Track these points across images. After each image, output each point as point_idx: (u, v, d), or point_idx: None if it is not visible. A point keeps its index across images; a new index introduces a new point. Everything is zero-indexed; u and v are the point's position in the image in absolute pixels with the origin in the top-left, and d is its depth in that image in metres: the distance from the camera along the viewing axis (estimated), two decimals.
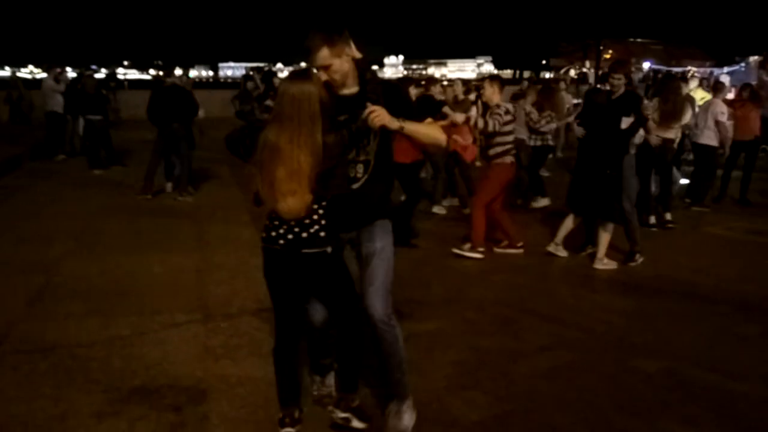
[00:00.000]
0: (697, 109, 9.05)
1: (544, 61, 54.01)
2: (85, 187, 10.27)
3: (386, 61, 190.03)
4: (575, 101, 13.35)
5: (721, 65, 27.25)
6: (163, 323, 4.78)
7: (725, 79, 12.84)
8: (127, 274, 5.92)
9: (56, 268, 6.08)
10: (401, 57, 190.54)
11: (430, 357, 4.26)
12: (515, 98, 15.79)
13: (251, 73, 17.04)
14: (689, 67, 24.09)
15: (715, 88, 9.40)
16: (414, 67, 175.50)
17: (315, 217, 3.02)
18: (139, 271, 6.03)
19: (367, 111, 2.95)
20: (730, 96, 9.59)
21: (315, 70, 3.08)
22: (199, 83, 66.48)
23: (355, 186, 3.15)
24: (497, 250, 6.83)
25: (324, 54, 3.01)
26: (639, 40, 37.55)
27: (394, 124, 3.01)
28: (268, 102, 13.35)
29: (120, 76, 38.86)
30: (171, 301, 5.24)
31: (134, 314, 4.95)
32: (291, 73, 3.08)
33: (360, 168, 3.14)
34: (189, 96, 9.71)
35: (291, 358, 3.29)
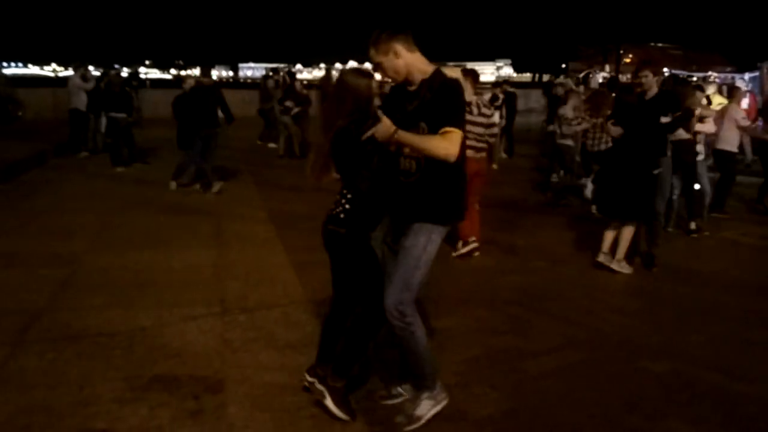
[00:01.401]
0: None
1: (563, 65, 53.79)
2: (107, 184, 10.48)
3: None
4: None
5: (742, 71, 26.98)
6: (182, 316, 4.91)
7: (741, 84, 12.80)
8: (147, 268, 6.07)
9: (79, 262, 6.24)
10: None
11: (441, 354, 4.33)
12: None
13: (271, 73, 17.21)
14: (710, 72, 23.91)
15: (731, 93, 9.37)
16: None
17: (343, 201, 3.35)
18: (159, 265, 6.18)
19: (369, 132, 3.11)
20: (745, 101, 9.60)
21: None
22: (220, 83, 66.89)
23: (408, 179, 3.33)
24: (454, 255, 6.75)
25: (371, 53, 3.32)
26: (659, 44, 37.39)
27: (389, 133, 3.12)
28: (288, 103, 13.53)
29: (141, 76, 39.39)
30: (190, 295, 5.38)
31: (154, 306, 5.08)
32: (352, 68, 3.59)
33: (413, 164, 3.30)
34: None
35: (334, 325, 3.63)
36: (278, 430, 3.40)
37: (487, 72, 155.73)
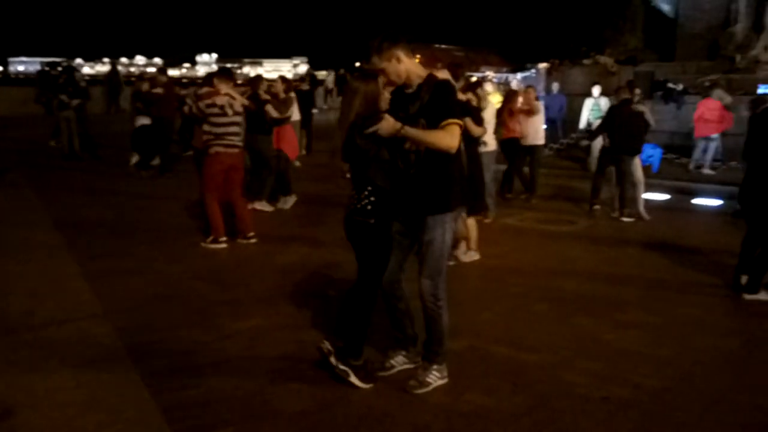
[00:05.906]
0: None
1: (357, 63, 55.37)
2: None
3: (198, 59, 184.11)
4: None
5: (515, 71, 29.68)
6: None
7: (514, 83, 13.97)
8: None
9: None
10: (215, 55, 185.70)
11: (253, 353, 4.32)
12: None
13: (59, 69, 15.83)
14: (488, 72, 26.05)
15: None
16: (228, 65, 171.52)
17: (367, 192, 3.78)
18: None
19: (372, 128, 3.53)
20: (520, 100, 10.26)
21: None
22: None
23: (408, 172, 3.73)
24: (203, 245, 6.96)
25: (374, 60, 3.69)
26: (443, 46, 39.97)
27: (394, 129, 3.53)
28: (63, 97, 12.61)
29: None
30: None
31: None
32: (359, 73, 3.99)
33: (412, 157, 3.71)
34: None
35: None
36: None
37: (284, 69, 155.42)
